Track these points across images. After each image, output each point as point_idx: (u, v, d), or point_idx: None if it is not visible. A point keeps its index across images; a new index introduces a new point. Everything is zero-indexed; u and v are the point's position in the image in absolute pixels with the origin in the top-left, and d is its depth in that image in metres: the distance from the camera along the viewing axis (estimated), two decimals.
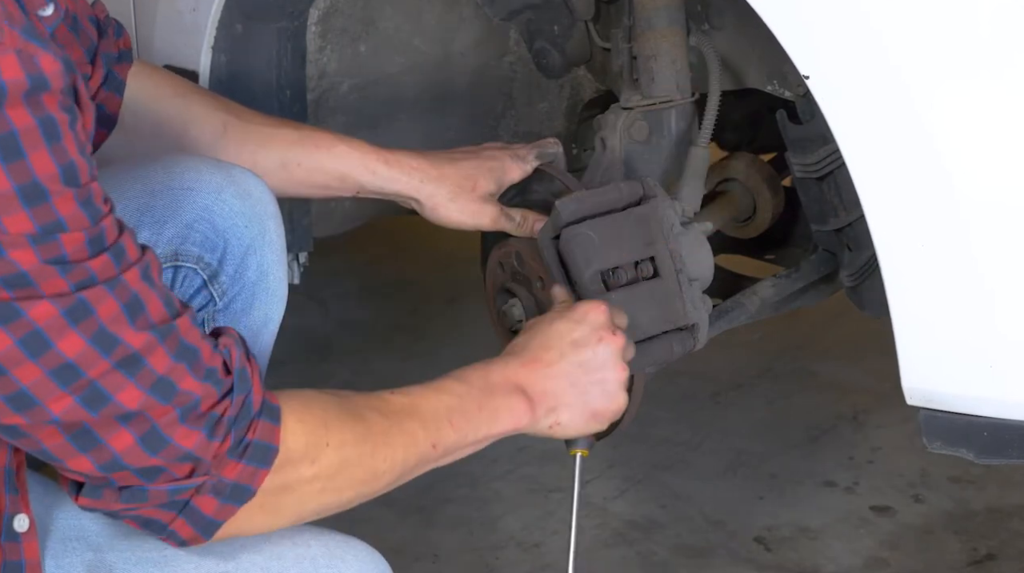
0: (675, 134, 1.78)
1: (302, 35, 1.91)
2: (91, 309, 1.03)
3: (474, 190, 1.71)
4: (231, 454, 1.15)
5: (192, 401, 1.12)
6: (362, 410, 1.28)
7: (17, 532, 1.20)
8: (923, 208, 1.34)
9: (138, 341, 1.07)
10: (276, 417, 1.19)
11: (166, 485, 1.14)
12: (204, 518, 1.18)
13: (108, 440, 1.10)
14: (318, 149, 1.67)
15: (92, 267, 1.03)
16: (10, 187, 0.97)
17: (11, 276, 0.99)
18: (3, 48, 0.95)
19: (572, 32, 1.98)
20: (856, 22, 1.33)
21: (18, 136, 0.97)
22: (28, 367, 1.03)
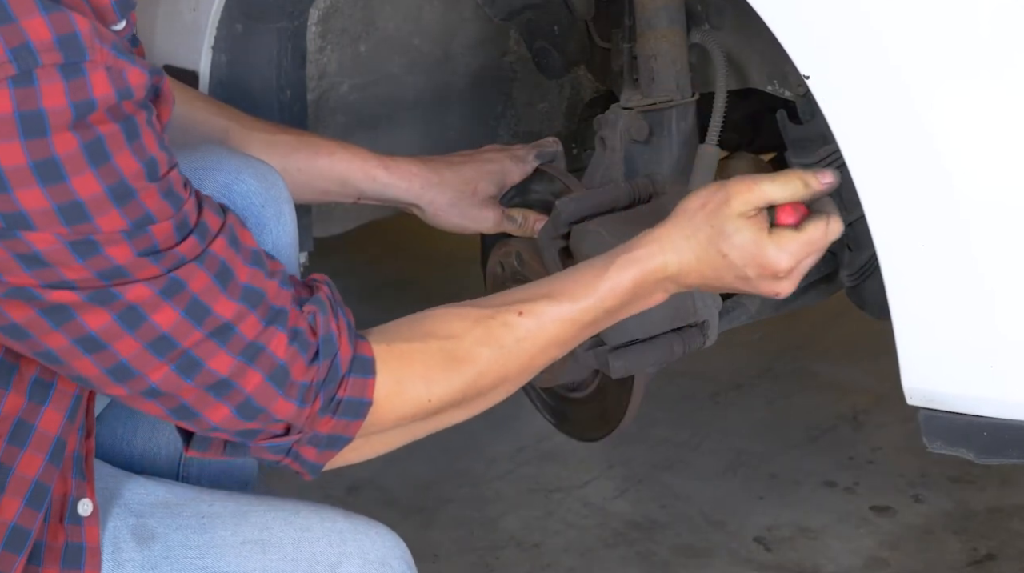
0: (675, 134, 1.78)
1: (302, 35, 1.90)
2: (184, 285, 1.09)
3: (475, 194, 1.72)
4: (323, 412, 1.21)
5: (280, 366, 1.16)
6: (474, 349, 1.29)
7: (81, 516, 1.26)
8: (923, 208, 1.34)
9: (229, 311, 1.13)
10: (369, 370, 1.23)
11: (265, 442, 1.21)
12: (308, 462, 1.24)
13: (205, 413, 1.16)
14: (318, 155, 1.68)
15: (181, 251, 1.09)
16: (101, 190, 1.03)
17: (108, 270, 1.05)
18: (94, 65, 1.01)
19: (572, 32, 1.98)
20: (856, 22, 1.33)
21: (104, 141, 1.02)
22: (126, 340, 1.09)
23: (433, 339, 1.29)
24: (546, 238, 1.66)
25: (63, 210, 1.02)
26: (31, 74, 0.98)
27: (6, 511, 1.18)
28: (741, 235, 1.36)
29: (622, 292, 1.36)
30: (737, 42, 1.77)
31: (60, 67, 0.99)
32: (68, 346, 1.08)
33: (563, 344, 1.36)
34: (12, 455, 1.18)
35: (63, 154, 1.00)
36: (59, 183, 1.01)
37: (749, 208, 1.36)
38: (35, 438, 1.19)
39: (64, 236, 1.03)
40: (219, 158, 1.49)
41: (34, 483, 1.20)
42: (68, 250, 1.03)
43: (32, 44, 0.99)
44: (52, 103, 0.99)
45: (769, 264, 1.36)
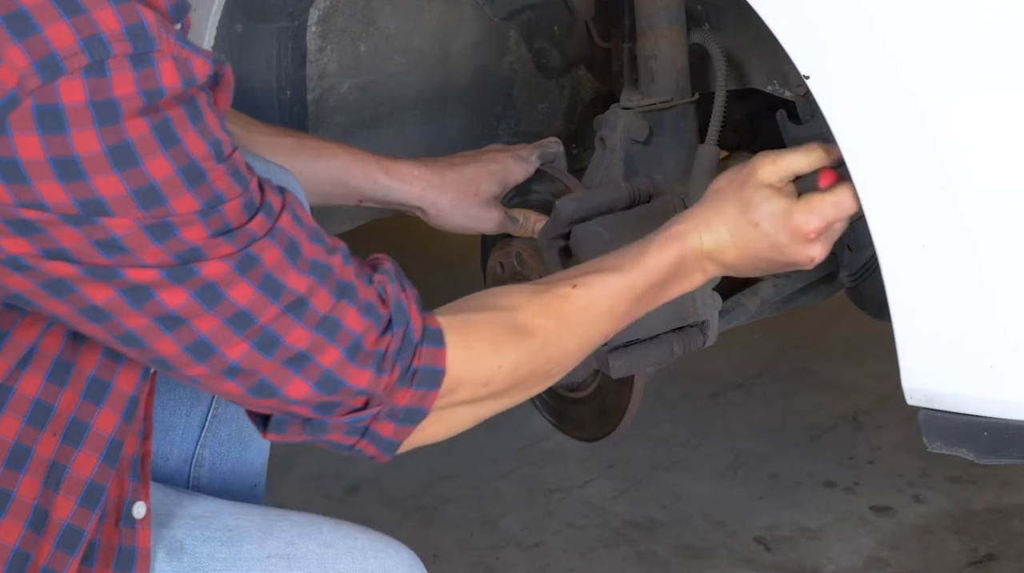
0: (675, 134, 1.78)
1: (302, 35, 1.90)
2: (258, 260, 1.11)
3: (477, 195, 1.72)
4: (400, 383, 1.21)
5: (355, 339, 1.18)
6: (533, 320, 1.31)
7: (135, 518, 1.27)
8: (923, 208, 1.34)
9: (301, 285, 1.14)
10: (439, 340, 1.24)
11: (345, 417, 1.21)
12: (384, 440, 1.25)
13: (285, 389, 1.17)
14: (319, 158, 1.68)
15: (252, 228, 1.11)
16: (173, 171, 1.05)
17: (184, 251, 1.07)
18: (162, 55, 1.03)
19: (572, 32, 1.98)
20: (857, 22, 1.33)
21: (171, 122, 1.04)
22: (205, 317, 1.10)
23: (495, 311, 1.31)
24: (546, 238, 1.66)
25: (139, 195, 1.04)
26: (103, 64, 1.00)
27: (60, 510, 1.20)
28: (769, 203, 1.40)
29: (666, 268, 1.40)
30: (737, 42, 1.77)
31: (130, 57, 1.01)
32: (148, 325, 1.10)
33: (616, 318, 1.38)
34: (67, 454, 1.19)
35: (135, 137, 1.03)
36: (133, 167, 1.03)
37: (775, 178, 1.41)
38: (90, 438, 1.20)
39: (141, 220, 1.05)
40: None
41: (88, 483, 1.21)
42: (145, 234, 1.05)
43: (103, 35, 1.01)
44: (123, 91, 1.01)
45: (799, 226, 1.39)
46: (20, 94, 0.99)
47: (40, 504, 1.18)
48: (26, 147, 1.00)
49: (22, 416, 1.16)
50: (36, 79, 0.99)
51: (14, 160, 1.01)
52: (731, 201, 1.42)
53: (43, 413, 1.17)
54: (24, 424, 1.17)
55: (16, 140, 1.00)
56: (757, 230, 1.41)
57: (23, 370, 1.16)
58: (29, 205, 1.02)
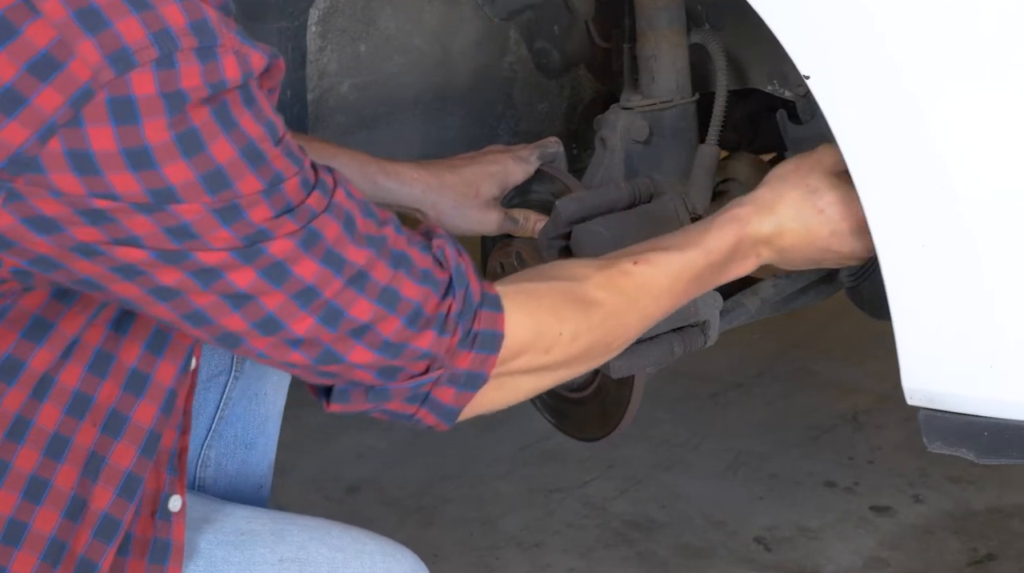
0: (675, 134, 1.78)
1: (302, 35, 1.90)
2: (320, 235, 1.13)
3: (477, 196, 1.72)
4: (461, 345, 1.22)
5: (415, 306, 1.19)
6: (596, 293, 1.32)
7: (171, 511, 1.28)
8: (923, 208, 1.34)
9: (361, 257, 1.16)
10: (497, 305, 1.25)
11: (407, 382, 1.22)
12: (444, 407, 1.25)
13: (349, 357, 1.18)
14: (318, 159, 1.68)
15: (311, 204, 1.13)
16: (235, 153, 1.07)
17: (252, 234, 1.09)
18: (225, 50, 1.06)
19: (572, 32, 1.98)
20: (858, 22, 1.33)
21: (228, 105, 1.07)
22: (273, 294, 1.12)
23: (559, 280, 1.32)
24: (546, 238, 1.66)
25: (206, 179, 1.06)
26: (172, 56, 1.03)
27: (98, 500, 1.21)
28: (836, 191, 1.43)
29: (726, 248, 1.41)
30: (737, 42, 1.77)
31: (196, 50, 1.04)
32: (217, 302, 1.12)
33: (676, 295, 1.39)
34: (106, 445, 1.21)
35: (199, 124, 1.05)
36: (200, 153, 1.05)
37: (837, 168, 1.43)
38: (129, 429, 1.22)
39: (209, 205, 1.07)
40: None
41: (127, 474, 1.22)
42: (214, 217, 1.07)
43: (171, 29, 1.03)
44: (190, 83, 1.04)
45: (863, 219, 1.41)
46: (94, 87, 1.01)
47: (78, 493, 1.20)
48: (99, 139, 1.02)
49: (62, 406, 1.18)
50: (109, 72, 1.01)
51: (87, 152, 1.02)
52: (796, 187, 1.44)
53: (83, 404, 1.19)
54: (64, 414, 1.18)
55: (90, 132, 1.02)
56: (822, 216, 1.43)
57: (66, 361, 1.18)
58: (101, 195, 1.04)
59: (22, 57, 1.01)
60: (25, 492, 1.17)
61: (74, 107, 1.01)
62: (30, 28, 1.01)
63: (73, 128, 1.02)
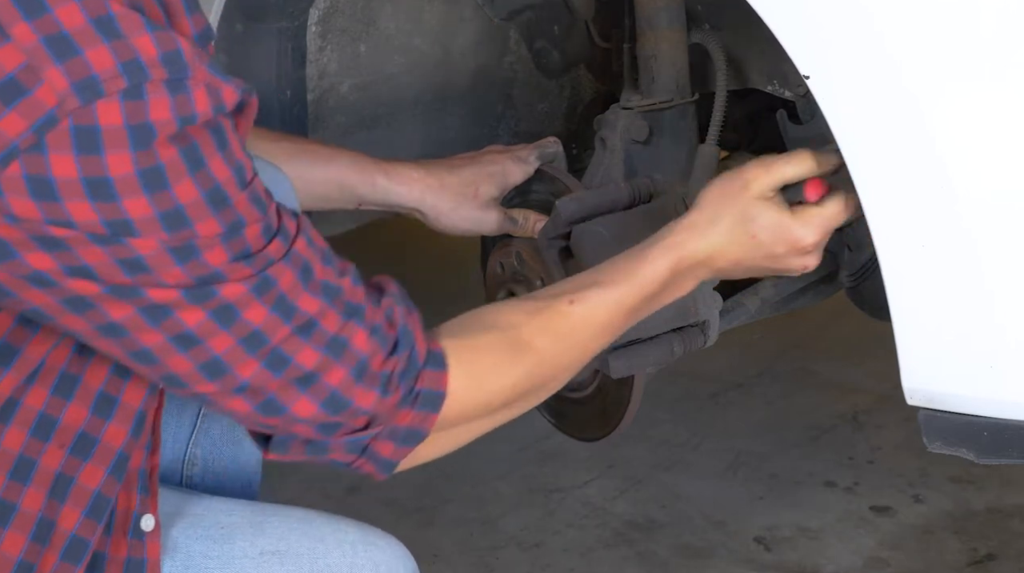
0: (675, 134, 1.78)
1: (302, 35, 1.90)
2: (274, 282, 1.13)
3: (476, 197, 1.72)
4: (402, 404, 1.23)
5: (362, 360, 1.19)
6: (533, 339, 1.32)
7: (144, 531, 1.27)
8: (923, 208, 1.34)
9: (312, 306, 1.16)
10: (441, 364, 1.25)
11: (346, 437, 1.22)
12: (383, 459, 1.26)
13: (292, 408, 1.18)
14: (318, 162, 1.68)
15: (269, 252, 1.13)
16: (199, 195, 1.07)
17: (205, 275, 1.09)
18: (196, 82, 1.05)
19: (572, 32, 1.98)
20: (857, 22, 1.33)
21: (199, 147, 1.06)
22: (221, 337, 1.12)
23: (496, 330, 1.32)
24: (546, 238, 1.66)
25: (166, 217, 1.06)
26: (141, 88, 1.02)
27: (67, 521, 1.20)
28: (766, 216, 1.43)
29: (661, 278, 1.41)
30: (737, 42, 1.77)
31: (166, 82, 1.03)
32: (164, 343, 1.11)
33: (611, 331, 1.40)
34: (74, 466, 1.20)
35: (166, 161, 1.04)
36: (162, 191, 1.05)
37: (767, 190, 1.44)
38: (99, 451, 1.21)
39: (165, 242, 1.06)
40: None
41: (95, 494, 1.21)
42: (169, 255, 1.07)
43: (141, 59, 1.02)
44: (158, 116, 1.03)
45: (797, 240, 1.43)
46: (59, 114, 1.01)
47: (45, 515, 1.19)
48: (60, 166, 1.02)
49: (27, 428, 1.17)
50: (75, 100, 1.01)
51: (47, 178, 1.02)
52: (727, 211, 1.44)
53: (48, 426, 1.18)
54: (29, 437, 1.17)
55: (51, 159, 1.01)
56: (754, 241, 1.44)
57: (31, 384, 1.17)
58: (58, 223, 1.03)
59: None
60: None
61: (37, 133, 1.00)
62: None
63: (35, 154, 1.01)
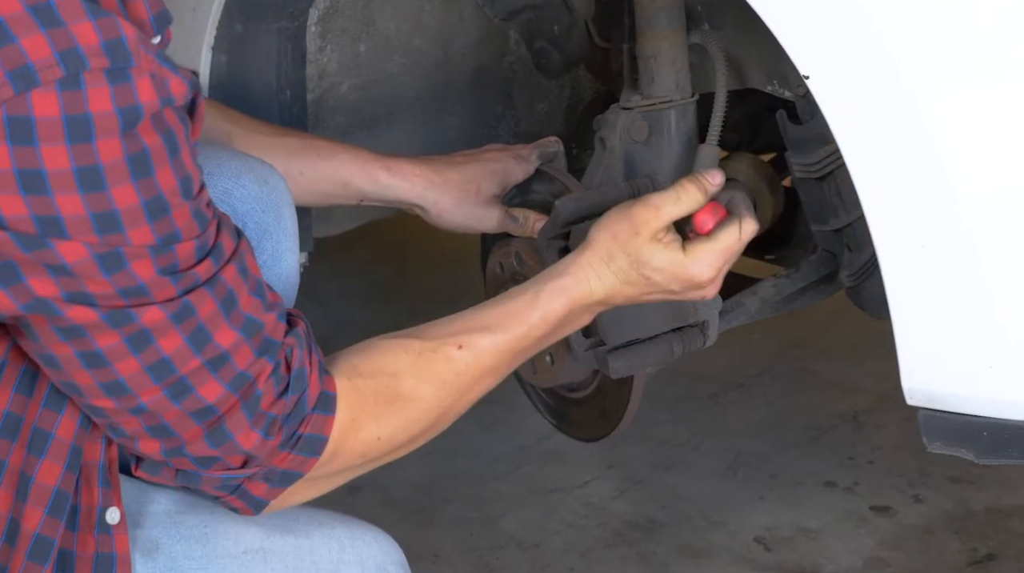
0: (675, 134, 1.78)
1: (302, 35, 1.90)
2: (193, 310, 1.10)
3: (477, 194, 1.72)
4: (282, 447, 1.21)
5: (255, 395, 1.17)
6: (417, 387, 1.31)
7: (109, 524, 1.25)
8: (923, 208, 1.34)
9: (228, 340, 1.14)
10: (331, 408, 1.24)
11: (220, 473, 1.21)
12: (254, 498, 1.25)
13: (182, 434, 1.16)
14: (320, 158, 1.68)
15: (198, 272, 1.10)
16: (138, 202, 1.04)
17: (130, 288, 1.06)
18: (140, 72, 1.02)
19: (572, 32, 1.98)
20: (857, 22, 1.33)
21: (148, 154, 1.03)
22: (128, 361, 1.10)
23: (382, 376, 1.30)
24: (546, 238, 1.66)
25: (98, 219, 1.03)
26: (78, 77, 0.99)
27: (30, 521, 1.19)
28: (658, 258, 1.43)
29: (553, 319, 1.41)
30: (737, 42, 1.77)
31: (107, 71, 1.00)
32: (71, 356, 1.10)
33: (497, 373, 1.39)
34: (32, 464, 1.19)
35: (107, 162, 1.01)
36: (98, 191, 1.02)
37: (658, 232, 1.43)
38: (52, 446, 1.20)
39: (94, 246, 1.04)
40: (219, 162, 1.49)
41: (55, 492, 1.20)
42: (95, 262, 1.04)
43: (80, 48, 0.99)
44: (98, 108, 1.00)
45: (692, 278, 1.44)
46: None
47: (13, 517, 1.18)
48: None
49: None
50: (9, 89, 0.98)
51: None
52: (618, 256, 1.43)
53: (14, 425, 1.17)
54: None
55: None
56: (649, 282, 1.44)
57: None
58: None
59: None
60: None
61: None
62: None
63: None
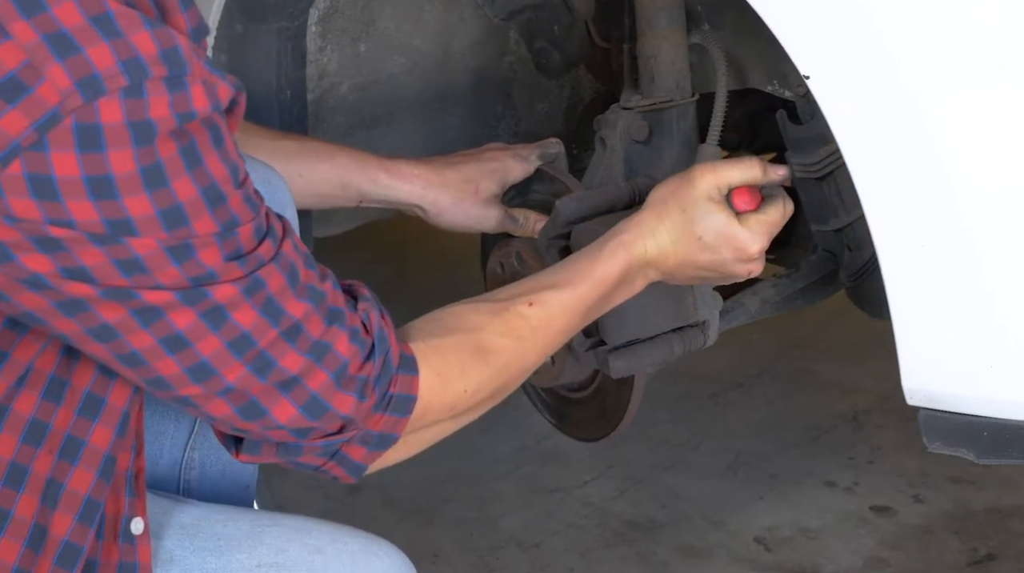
0: (675, 134, 1.78)
1: (302, 35, 1.90)
2: (263, 284, 1.14)
3: (477, 193, 1.72)
4: (376, 408, 1.24)
5: (342, 364, 1.20)
6: (497, 341, 1.34)
7: (133, 534, 1.27)
8: (923, 208, 1.34)
9: (299, 310, 1.17)
10: (413, 368, 1.26)
11: (319, 441, 1.23)
12: (353, 463, 1.27)
13: (272, 411, 1.18)
14: (319, 159, 1.69)
15: (260, 253, 1.13)
16: (196, 193, 1.07)
17: (200, 275, 1.09)
18: (194, 79, 1.05)
19: (572, 32, 1.98)
20: (857, 22, 1.33)
21: (196, 144, 1.07)
22: (209, 339, 1.12)
23: (460, 333, 1.33)
24: (546, 238, 1.66)
25: (165, 215, 1.06)
26: (141, 86, 1.02)
27: (59, 527, 1.20)
28: (712, 218, 1.45)
29: (614, 276, 1.43)
30: (737, 42, 1.77)
31: (165, 80, 1.03)
32: (153, 346, 1.11)
33: (568, 331, 1.41)
34: (63, 471, 1.20)
35: (165, 158, 1.04)
36: (162, 188, 1.05)
37: (713, 190, 1.45)
38: (86, 454, 1.21)
39: (164, 241, 1.06)
40: None
41: (85, 499, 1.21)
42: (166, 255, 1.07)
43: (141, 57, 1.02)
44: (158, 113, 1.03)
45: (743, 246, 1.46)
46: (62, 112, 1.00)
47: (38, 522, 1.18)
48: (62, 164, 1.01)
49: (18, 435, 1.17)
50: (78, 98, 1.00)
51: (48, 177, 1.02)
52: (674, 211, 1.46)
53: (39, 431, 1.18)
54: (20, 443, 1.17)
55: (53, 157, 1.01)
56: (700, 243, 1.46)
57: (20, 389, 1.16)
58: (58, 223, 1.03)
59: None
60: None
61: (39, 131, 1.00)
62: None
63: (36, 152, 1.01)
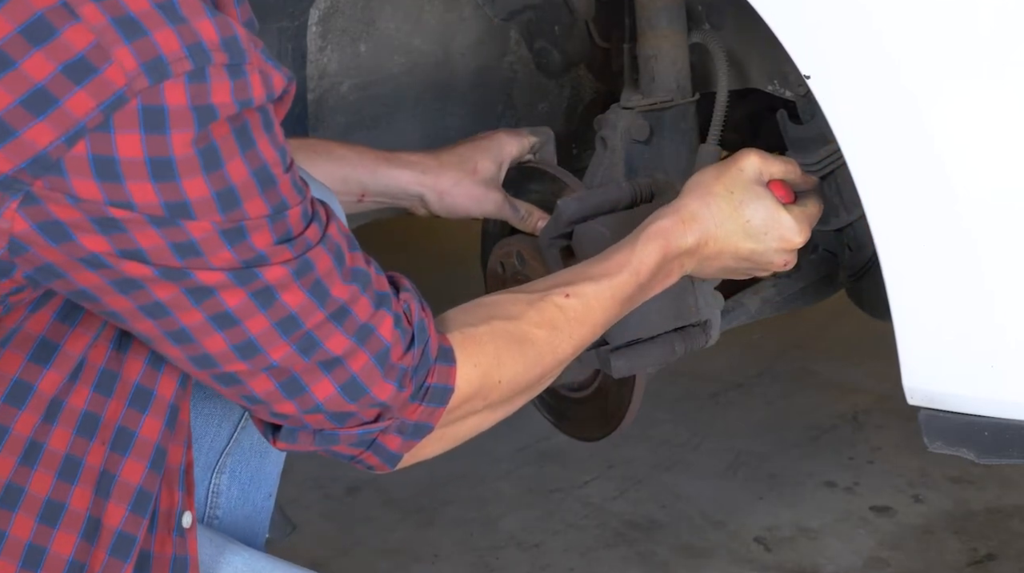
0: (676, 134, 1.78)
1: (302, 35, 1.90)
2: (312, 266, 1.15)
3: (476, 172, 1.74)
4: (413, 398, 1.24)
5: (385, 348, 1.20)
6: (533, 331, 1.34)
7: (184, 527, 1.28)
8: (924, 208, 1.34)
9: (345, 293, 1.18)
10: (451, 358, 1.27)
11: (356, 429, 1.23)
12: (388, 452, 1.27)
13: (312, 388, 1.19)
14: (317, 155, 1.69)
15: (308, 236, 1.15)
16: (248, 174, 1.08)
17: (251, 258, 1.10)
18: (252, 67, 1.07)
19: (572, 32, 1.98)
20: (857, 22, 1.33)
21: (248, 126, 1.08)
22: (258, 318, 1.13)
23: (496, 322, 1.33)
24: (548, 238, 1.66)
25: (220, 197, 1.07)
26: (204, 71, 1.04)
27: (112, 517, 1.21)
28: (761, 201, 1.46)
29: (652, 265, 1.43)
30: (737, 42, 1.77)
31: (227, 67, 1.05)
32: (203, 323, 1.13)
33: (607, 321, 1.41)
34: (116, 462, 1.21)
35: (219, 140, 1.06)
36: (217, 170, 1.06)
37: (762, 175, 1.46)
38: (137, 445, 1.22)
39: (219, 224, 1.08)
40: None
41: (138, 490, 1.22)
42: (220, 237, 1.08)
43: (204, 43, 1.04)
44: (220, 99, 1.05)
45: (788, 234, 1.47)
46: (128, 94, 1.01)
47: (92, 514, 1.20)
48: (126, 145, 1.03)
49: (72, 428, 1.18)
50: (144, 80, 1.02)
51: (112, 159, 1.03)
52: (721, 196, 1.45)
53: (91, 424, 1.19)
54: (74, 436, 1.18)
55: (117, 139, 1.02)
56: (747, 227, 1.46)
57: (74, 382, 1.18)
58: (118, 204, 1.04)
59: (58, 58, 1.01)
60: (41, 516, 1.17)
61: (105, 112, 1.01)
62: (69, 31, 1.00)
63: (102, 133, 1.02)
